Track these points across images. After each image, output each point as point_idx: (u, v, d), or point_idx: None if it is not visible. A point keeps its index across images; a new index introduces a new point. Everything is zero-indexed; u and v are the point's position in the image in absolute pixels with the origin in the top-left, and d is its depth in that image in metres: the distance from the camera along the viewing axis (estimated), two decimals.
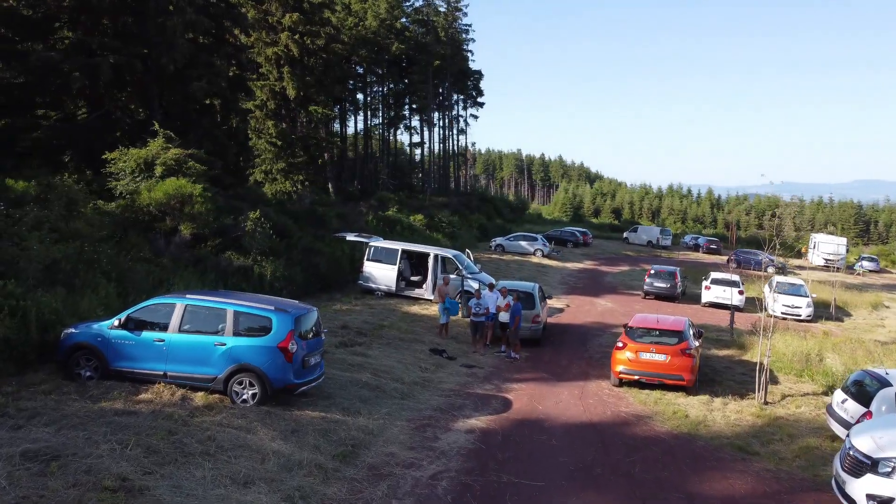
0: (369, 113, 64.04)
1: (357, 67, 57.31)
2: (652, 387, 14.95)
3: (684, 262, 47.39)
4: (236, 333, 11.41)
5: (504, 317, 17.72)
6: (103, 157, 22.59)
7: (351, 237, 25.73)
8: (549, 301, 22.12)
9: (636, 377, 14.78)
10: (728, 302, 29.66)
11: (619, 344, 15.08)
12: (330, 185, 49.59)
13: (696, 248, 63.01)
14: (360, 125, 65.39)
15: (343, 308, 21.73)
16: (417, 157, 75.99)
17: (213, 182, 27.32)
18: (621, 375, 14.95)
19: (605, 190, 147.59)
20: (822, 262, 57.69)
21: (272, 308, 11.55)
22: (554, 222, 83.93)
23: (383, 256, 24.52)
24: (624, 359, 14.85)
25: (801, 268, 53.80)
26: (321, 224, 29.21)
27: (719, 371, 17.01)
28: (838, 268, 55.38)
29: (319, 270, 24.21)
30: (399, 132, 70.99)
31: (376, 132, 64.12)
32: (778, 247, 16.59)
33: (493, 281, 22.73)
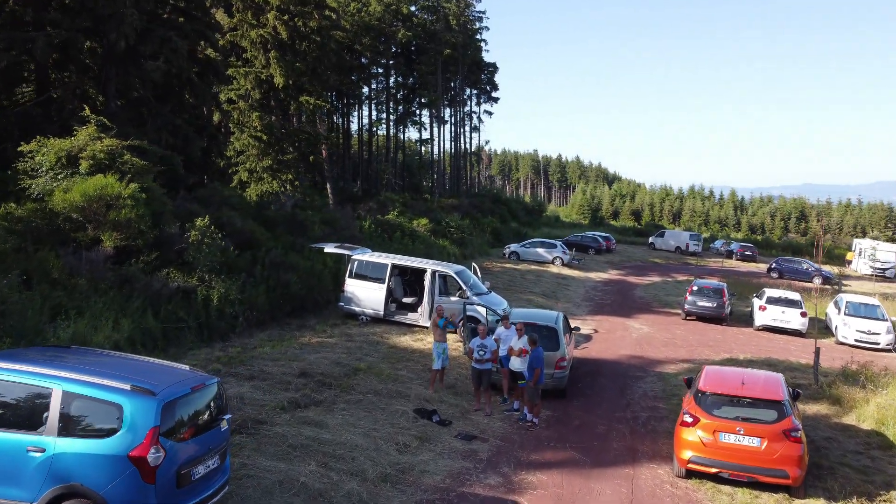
0: (373, 108, 59.42)
1: (361, 58, 52.78)
2: (737, 483, 10.12)
3: (721, 273, 42.36)
4: (65, 431, 6.78)
5: (518, 363, 12.95)
6: (18, 149, 18.21)
7: (330, 248, 21.08)
8: (574, 331, 17.27)
9: (714, 470, 9.94)
10: (788, 326, 24.76)
11: (687, 418, 10.23)
12: (328, 186, 44.98)
13: (728, 254, 57.71)
14: (366, 121, 60.73)
15: (313, 341, 17.06)
16: (427, 156, 71.15)
17: (170, 181, 22.95)
18: (691, 465, 10.13)
19: (623, 191, 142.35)
20: (869, 272, 52.39)
21: (126, 387, 6.87)
22: (572, 225, 78.97)
23: (369, 272, 19.85)
24: (695, 441, 10.02)
25: (847, 277, 48.53)
26: (302, 232, 24.61)
27: (821, 446, 12.10)
28: (889, 277, 50.17)
29: (290, 290, 19.57)
30: (407, 130, 66.24)
31: (381, 125, 59.33)
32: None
33: (507, 307, 18.00)
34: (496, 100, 67.03)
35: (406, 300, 20.41)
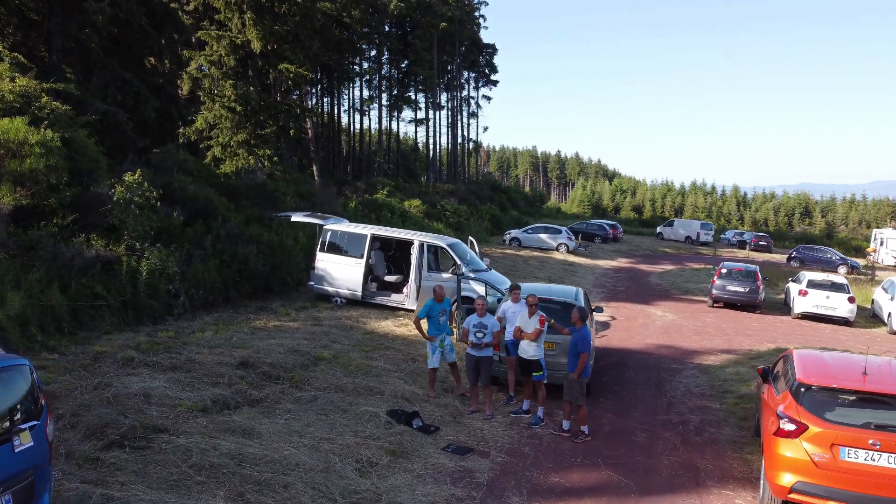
0: (364, 87, 55.75)
1: (352, 35, 49.27)
2: None
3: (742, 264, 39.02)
4: None
5: (532, 350, 9.60)
6: None
7: (298, 217, 17.66)
8: (596, 312, 13.90)
9: None
10: (834, 313, 21.41)
11: (787, 425, 6.88)
12: (315, 168, 41.54)
13: (741, 245, 54.41)
14: (357, 105, 57.10)
15: (270, 325, 13.70)
16: (421, 143, 67.41)
17: (118, 143, 19.73)
18: (794, 496, 6.76)
19: (624, 187, 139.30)
20: (892, 262, 49.17)
21: None
22: (575, 217, 75.65)
23: (345, 245, 16.48)
24: (802, 460, 6.68)
25: (872, 268, 45.25)
26: (271, 204, 21.24)
27: None
28: None
29: (249, 267, 16.19)
30: (402, 115, 62.44)
31: (373, 104, 55.48)
32: None
33: (509, 283, 14.64)
34: (495, 83, 63.58)
35: (389, 278, 17.04)
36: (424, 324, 10.38)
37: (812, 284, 22.04)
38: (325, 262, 16.47)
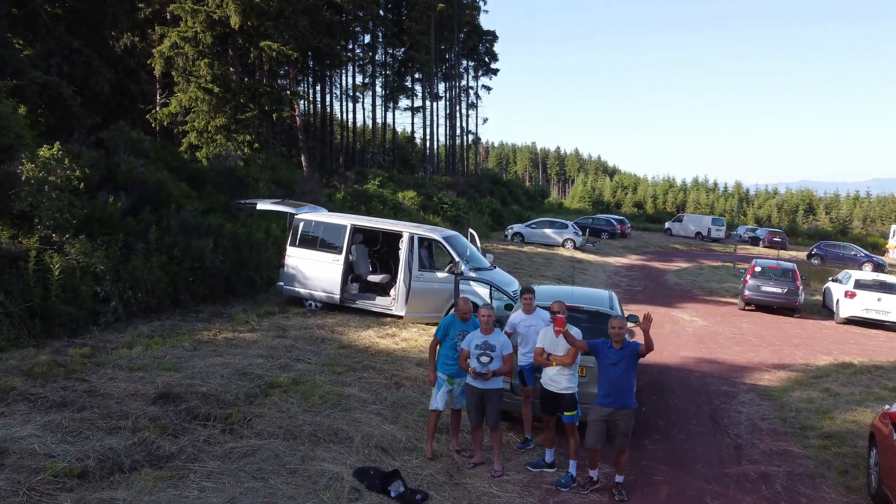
0: (357, 74, 52.83)
1: (345, 17, 46.36)
2: None
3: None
4: None
5: (565, 380, 6.87)
6: None
7: (265, 205, 14.80)
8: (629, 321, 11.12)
9: None
10: (887, 318, 18.72)
11: None
12: (303, 159, 38.66)
13: (754, 241, 51.71)
14: (351, 92, 54.11)
15: (220, 337, 10.94)
16: (418, 136, 64.36)
17: (61, 120, 17.01)
18: None
19: (625, 183, 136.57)
20: None
21: None
22: (578, 212, 72.93)
23: (321, 238, 13.71)
24: None
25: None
26: (241, 192, 18.46)
27: None
28: None
29: (206, 264, 13.39)
30: (397, 106, 59.34)
31: (367, 91, 52.28)
32: None
33: (517, 284, 11.91)
34: (495, 72, 60.62)
35: (373, 278, 14.27)
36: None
37: (860, 285, 19.31)
38: (297, 259, 13.69)
